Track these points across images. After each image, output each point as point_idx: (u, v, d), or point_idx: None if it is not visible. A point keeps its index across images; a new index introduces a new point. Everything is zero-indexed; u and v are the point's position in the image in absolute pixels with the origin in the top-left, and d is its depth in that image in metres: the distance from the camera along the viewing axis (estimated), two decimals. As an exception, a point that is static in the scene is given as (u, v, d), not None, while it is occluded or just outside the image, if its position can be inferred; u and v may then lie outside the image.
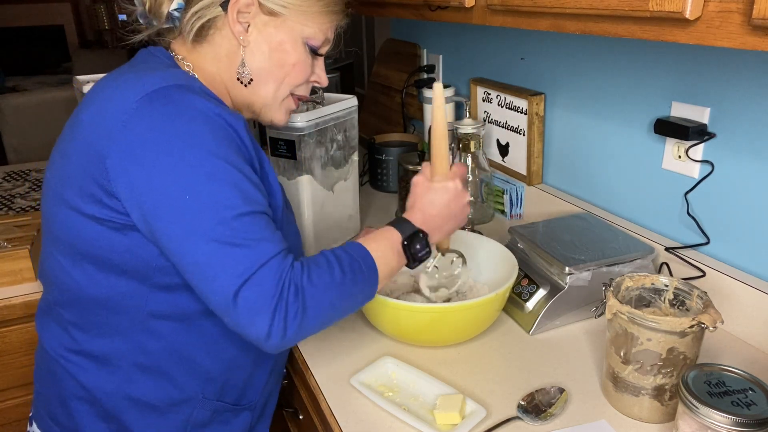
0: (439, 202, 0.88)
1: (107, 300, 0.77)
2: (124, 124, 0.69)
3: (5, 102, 3.32)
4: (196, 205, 0.68)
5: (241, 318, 0.69)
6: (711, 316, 0.75)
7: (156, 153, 0.69)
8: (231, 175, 0.70)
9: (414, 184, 0.91)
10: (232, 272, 0.68)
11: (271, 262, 0.70)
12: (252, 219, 0.71)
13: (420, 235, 0.85)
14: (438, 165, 0.91)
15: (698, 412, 0.66)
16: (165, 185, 0.68)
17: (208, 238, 0.68)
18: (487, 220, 1.47)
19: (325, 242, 1.29)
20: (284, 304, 0.70)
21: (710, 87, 1.00)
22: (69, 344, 0.81)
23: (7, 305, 1.21)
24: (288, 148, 1.18)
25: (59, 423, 0.83)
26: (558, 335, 1.02)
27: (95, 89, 0.78)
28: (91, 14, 5.73)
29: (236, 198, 0.70)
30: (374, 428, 0.82)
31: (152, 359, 0.80)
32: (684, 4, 0.63)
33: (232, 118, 0.74)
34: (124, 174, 0.70)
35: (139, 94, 0.70)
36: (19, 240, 1.28)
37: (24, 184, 1.81)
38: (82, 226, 0.74)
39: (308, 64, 0.87)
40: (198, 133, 0.70)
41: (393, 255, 0.82)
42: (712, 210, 1.04)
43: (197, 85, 0.76)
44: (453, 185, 0.89)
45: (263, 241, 0.70)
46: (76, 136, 0.75)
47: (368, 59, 2.48)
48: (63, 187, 0.76)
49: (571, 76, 1.31)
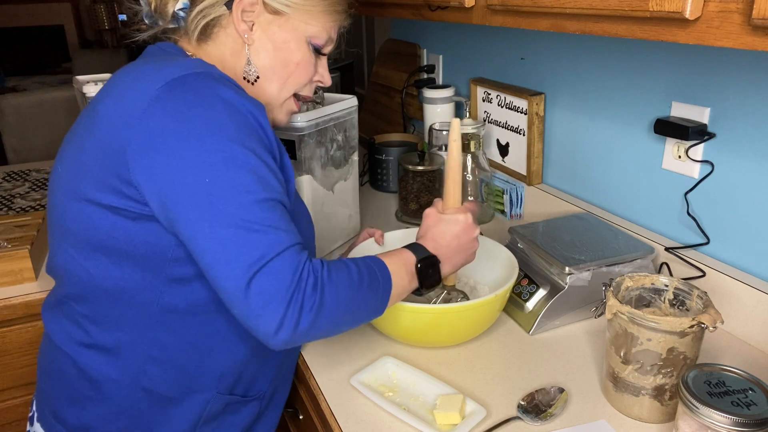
0: (449, 233, 0.89)
1: (121, 293, 0.77)
2: (144, 111, 0.69)
3: (5, 102, 3.32)
4: (215, 189, 0.68)
5: (252, 306, 0.67)
6: (711, 316, 0.75)
7: (176, 139, 0.69)
8: (251, 161, 0.70)
9: (425, 216, 0.92)
10: (248, 257, 0.67)
11: (288, 252, 0.69)
12: (269, 206, 0.70)
13: (434, 259, 0.86)
14: (450, 199, 0.93)
15: (698, 412, 0.66)
16: (184, 170, 0.68)
17: (225, 222, 0.67)
18: (487, 220, 1.47)
19: (325, 242, 1.29)
20: (301, 295, 0.68)
21: (710, 87, 1.00)
22: (81, 338, 0.81)
23: (7, 305, 1.21)
24: (288, 148, 1.18)
25: (65, 422, 0.82)
26: (558, 335, 1.02)
27: (111, 83, 0.78)
28: (91, 14, 5.73)
29: (255, 184, 0.69)
30: (374, 428, 0.82)
31: (166, 353, 0.80)
32: (684, 4, 0.63)
33: (252, 105, 0.73)
34: (144, 161, 0.70)
35: (159, 83, 0.71)
36: (19, 240, 1.28)
37: (24, 184, 1.81)
38: (99, 217, 0.74)
39: (312, 63, 0.87)
40: (218, 120, 0.70)
41: (406, 275, 0.82)
42: (712, 210, 1.04)
43: (217, 72, 0.76)
44: (463, 218, 0.90)
45: (280, 230, 0.69)
46: (93, 128, 0.75)
47: (368, 59, 2.48)
48: (79, 180, 0.75)
49: (571, 76, 1.31)
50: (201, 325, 0.80)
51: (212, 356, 0.82)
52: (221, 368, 0.83)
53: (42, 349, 0.89)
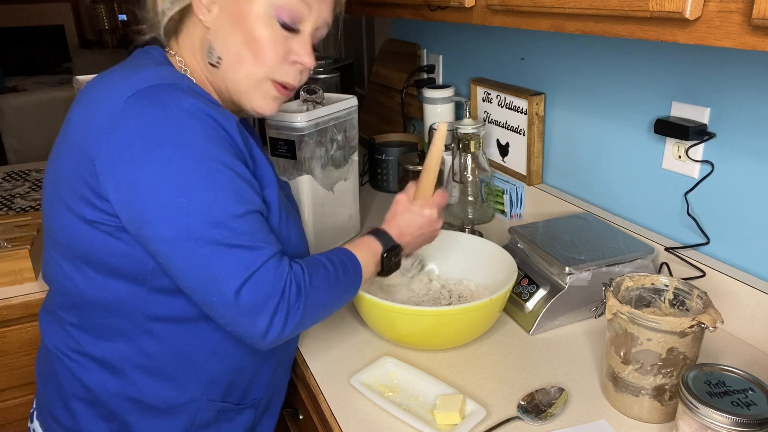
0: (413, 224, 0.95)
1: (107, 303, 0.77)
2: (112, 124, 0.68)
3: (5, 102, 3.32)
4: (191, 209, 0.67)
5: (242, 317, 0.70)
6: (711, 316, 0.75)
7: (144, 154, 0.67)
8: (223, 175, 0.70)
9: (396, 201, 0.97)
10: (233, 272, 0.68)
11: (270, 262, 0.71)
12: (246, 219, 0.71)
13: (398, 248, 0.92)
14: (422, 189, 0.97)
15: (698, 412, 0.66)
16: (154, 187, 0.67)
17: (204, 240, 0.68)
18: (487, 220, 1.47)
19: (325, 242, 1.29)
20: (286, 303, 0.71)
21: (710, 87, 1.00)
22: (72, 345, 0.81)
23: (7, 305, 1.21)
24: (288, 148, 1.18)
25: (61, 423, 0.83)
26: (558, 335, 1.02)
27: (85, 90, 0.77)
28: (91, 14, 5.73)
29: (230, 198, 0.69)
30: (374, 428, 0.82)
31: (154, 361, 0.80)
32: (684, 4, 0.63)
33: (221, 116, 0.72)
34: (113, 176, 0.69)
35: (126, 94, 0.69)
36: (19, 240, 1.28)
37: (24, 184, 1.81)
38: (79, 229, 0.74)
39: (279, 41, 0.78)
40: (186, 133, 0.68)
41: (372, 263, 0.88)
42: (712, 210, 1.04)
43: (186, 83, 0.74)
44: (429, 212, 0.95)
45: (260, 241, 0.71)
46: (66, 137, 0.74)
47: (368, 59, 2.48)
48: (58, 188, 0.75)
49: (571, 76, 1.31)
50: (188, 333, 0.79)
51: (201, 364, 0.82)
52: (211, 375, 0.83)
53: (39, 349, 0.89)
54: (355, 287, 0.85)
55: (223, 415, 0.87)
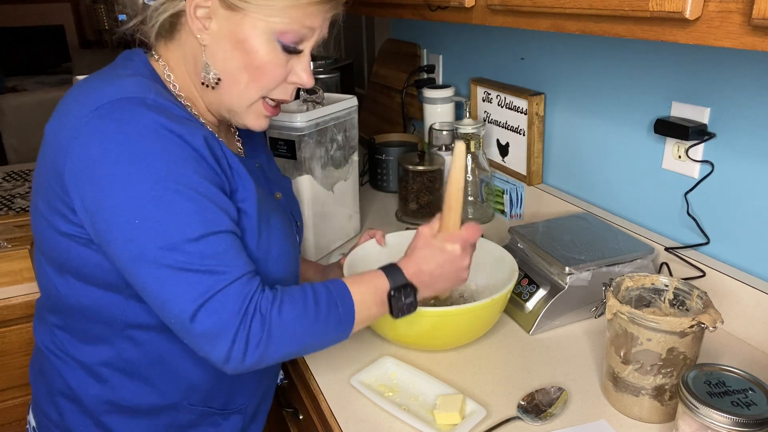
0: (433, 261, 0.84)
1: (87, 309, 0.77)
2: (75, 139, 0.67)
3: (5, 102, 3.32)
4: (146, 231, 0.66)
5: (198, 342, 0.68)
6: (711, 316, 0.75)
7: (103, 173, 0.66)
8: (182, 196, 0.67)
9: (417, 233, 0.87)
10: (186, 298, 0.66)
11: (232, 287, 0.68)
12: (209, 241, 0.68)
13: (409, 288, 0.81)
14: (445, 221, 0.87)
15: (698, 412, 0.66)
16: (113, 207, 0.66)
17: (159, 263, 0.66)
18: (487, 220, 1.47)
19: (325, 242, 1.29)
20: (246, 332, 0.68)
21: (710, 87, 1.00)
22: (57, 345, 0.83)
23: (7, 305, 1.21)
24: (288, 148, 1.18)
25: (50, 418, 0.85)
26: (558, 335, 1.02)
27: (64, 98, 0.75)
28: (91, 14, 5.72)
29: (188, 221, 0.67)
30: (374, 428, 0.82)
31: (133, 367, 0.80)
32: (684, 4, 0.63)
33: (187, 131, 0.69)
34: (77, 193, 0.68)
35: (90, 107, 0.68)
36: (19, 240, 1.28)
37: (24, 184, 1.81)
38: (56, 239, 0.74)
39: (280, 63, 0.76)
40: (147, 153, 0.66)
41: (375, 302, 0.79)
42: (712, 210, 1.04)
43: (151, 97, 0.70)
44: (451, 248, 0.84)
45: (223, 264, 0.68)
46: (44, 148, 0.74)
47: (368, 59, 2.47)
48: (37, 199, 0.75)
49: (571, 76, 1.31)
50: (166, 340, 0.79)
51: (181, 370, 0.81)
52: (190, 381, 0.83)
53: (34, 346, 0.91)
54: (342, 326, 0.76)
55: (206, 419, 0.87)
